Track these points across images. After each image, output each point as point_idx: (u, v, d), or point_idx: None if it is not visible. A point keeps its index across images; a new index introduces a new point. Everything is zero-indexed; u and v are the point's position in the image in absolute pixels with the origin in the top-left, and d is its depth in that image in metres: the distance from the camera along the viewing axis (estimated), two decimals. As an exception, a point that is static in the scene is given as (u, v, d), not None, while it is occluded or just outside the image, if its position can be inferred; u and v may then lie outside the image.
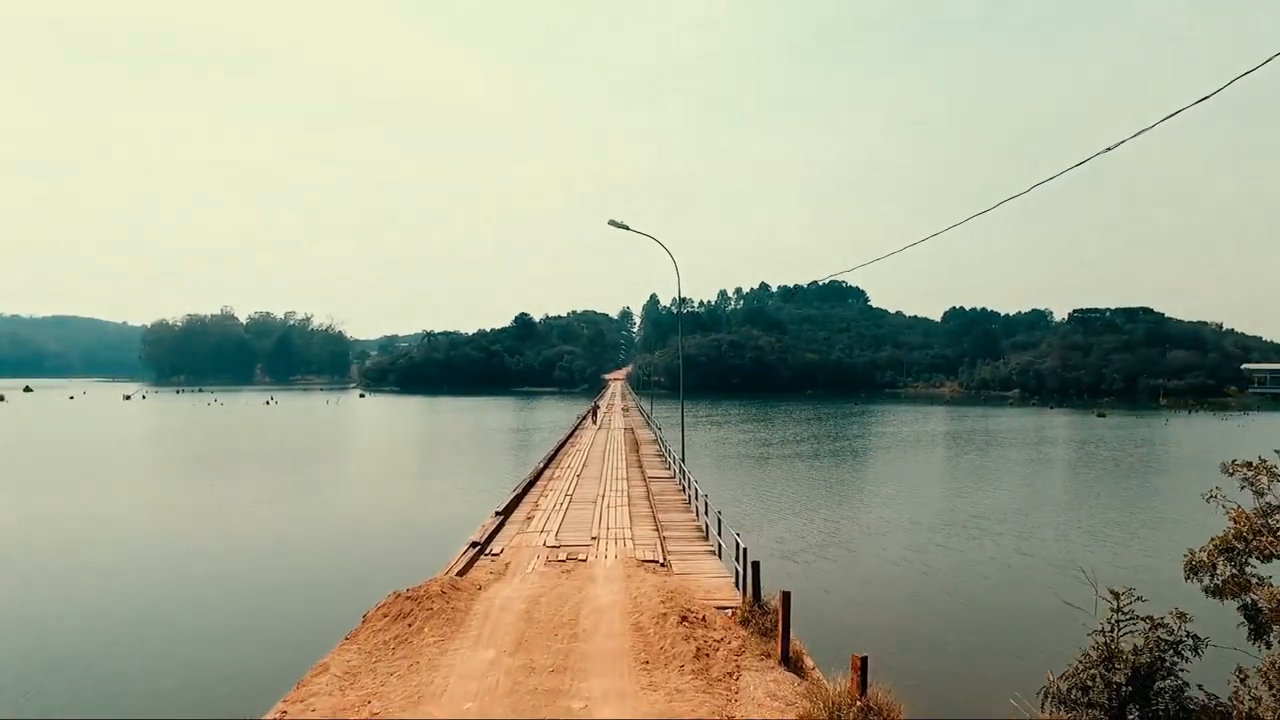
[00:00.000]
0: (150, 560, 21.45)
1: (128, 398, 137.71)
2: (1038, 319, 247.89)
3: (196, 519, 27.02)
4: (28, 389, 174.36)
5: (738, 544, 12.05)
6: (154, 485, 36.17)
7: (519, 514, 19.71)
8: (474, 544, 15.51)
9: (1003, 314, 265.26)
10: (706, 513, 16.52)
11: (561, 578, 13.19)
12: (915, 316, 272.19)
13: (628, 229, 23.64)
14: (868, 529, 25.42)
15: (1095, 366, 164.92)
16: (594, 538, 16.66)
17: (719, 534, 14.61)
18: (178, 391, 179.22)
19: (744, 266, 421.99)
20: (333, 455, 50.57)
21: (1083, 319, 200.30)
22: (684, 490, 22.24)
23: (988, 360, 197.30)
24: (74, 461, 45.01)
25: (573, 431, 46.44)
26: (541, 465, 28.85)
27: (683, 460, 23.80)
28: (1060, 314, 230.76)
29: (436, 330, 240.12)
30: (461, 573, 13.40)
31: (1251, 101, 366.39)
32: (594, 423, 51.72)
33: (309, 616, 16.34)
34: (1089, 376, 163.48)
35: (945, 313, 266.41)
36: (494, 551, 15.39)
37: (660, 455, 32.83)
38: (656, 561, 14.41)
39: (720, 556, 14.43)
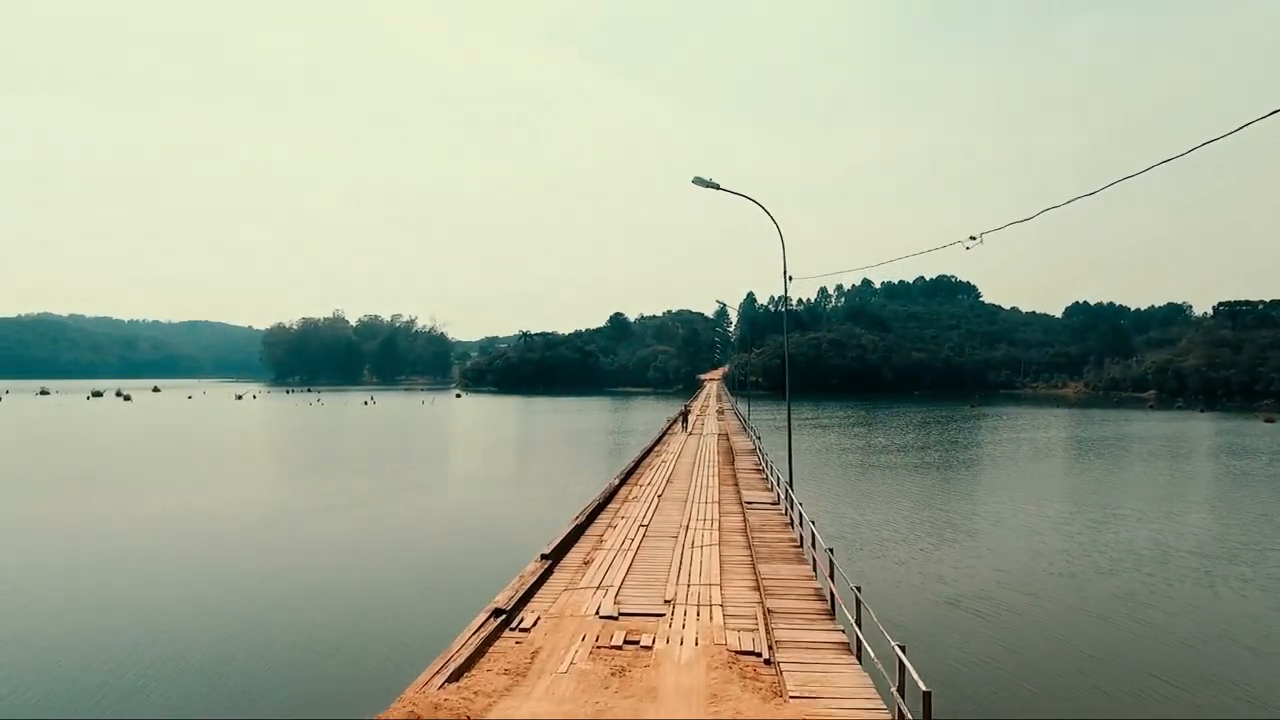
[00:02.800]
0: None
1: (239, 398, 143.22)
2: (1174, 313, 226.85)
3: (205, 541, 23.56)
4: (156, 389, 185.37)
5: (903, 664, 6.96)
6: (206, 490, 33.81)
7: (575, 554, 15.10)
8: (496, 612, 10.95)
9: (1132, 308, 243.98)
10: (832, 575, 11.33)
11: (607, 689, 8.41)
12: (1033, 312, 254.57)
13: (718, 188, 18.72)
14: (1050, 566, 19.49)
15: (1248, 365, 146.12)
16: (668, 601, 11.83)
17: (857, 620, 9.42)
18: (288, 391, 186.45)
19: (845, 263, 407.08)
20: (407, 460, 47.74)
21: (1231, 312, 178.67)
22: (792, 525, 17.06)
23: (1117, 359, 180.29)
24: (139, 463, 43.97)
25: (659, 438, 41.64)
26: (617, 482, 24.22)
27: (790, 485, 18.57)
28: (1201, 308, 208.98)
29: (534, 331, 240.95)
30: (459, 674, 8.80)
31: None
32: (683, 429, 46.57)
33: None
34: (1241, 376, 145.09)
35: (1067, 308, 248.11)
36: (523, 625, 10.78)
37: (759, 470, 27.59)
38: (758, 655, 9.44)
39: (859, 656, 9.24)
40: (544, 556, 14.16)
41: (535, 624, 10.84)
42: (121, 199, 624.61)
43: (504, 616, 10.90)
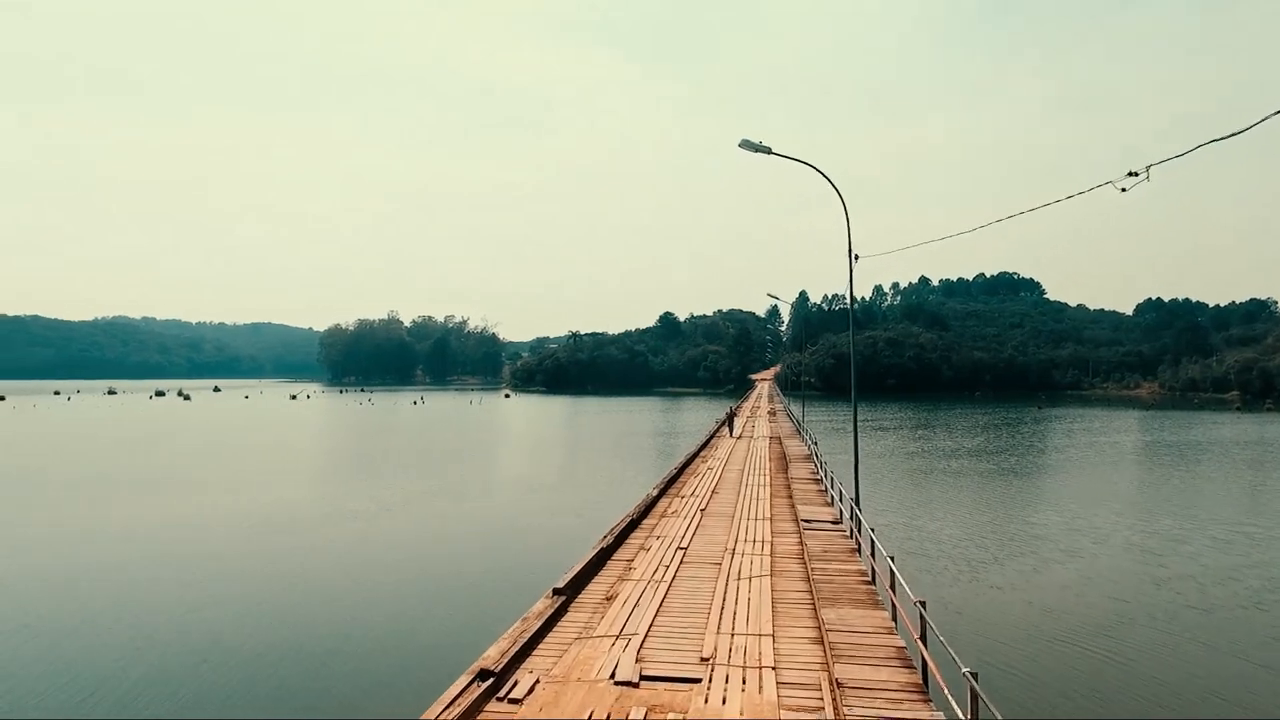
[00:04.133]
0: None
1: (294, 398, 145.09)
2: (1258, 309, 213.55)
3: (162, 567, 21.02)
4: (216, 389, 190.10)
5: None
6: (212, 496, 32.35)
7: (597, 586, 12.56)
8: (482, 674, 8.46)
9: (1210, 305, 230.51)
10: (924, 638, 8.52)
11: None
12: (1101, 310, 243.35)
13: (770, 152, 15.99)
14: (1178, 597, 16.49)
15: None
16: (705, 659, 9.20)
17: (973, 716, 6.61)
18: (341, 391, 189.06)
19: (901, 260, 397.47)
20: (439, 463, 45.91)
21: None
22: (858, 549, 14.21)
23: (1195, 358, 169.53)
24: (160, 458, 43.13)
25: (706, 442, 38.79)
26: (655, 492, 21.63)
27: (856, 502, 15.68)
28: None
29: (583, 331, 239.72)
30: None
31: None
32: (730, 434, 43.13)
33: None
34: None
35: (1138, 305, 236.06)
36: (514, 692, 8.28)
37: (816, 480, 24.65)
38: (827, 754, 6.73)
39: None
40: (557, 591, 11.66)
41: (530, 691, 8.34)
42: (181, 202, 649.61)
43: (490, 681, 8.40)
